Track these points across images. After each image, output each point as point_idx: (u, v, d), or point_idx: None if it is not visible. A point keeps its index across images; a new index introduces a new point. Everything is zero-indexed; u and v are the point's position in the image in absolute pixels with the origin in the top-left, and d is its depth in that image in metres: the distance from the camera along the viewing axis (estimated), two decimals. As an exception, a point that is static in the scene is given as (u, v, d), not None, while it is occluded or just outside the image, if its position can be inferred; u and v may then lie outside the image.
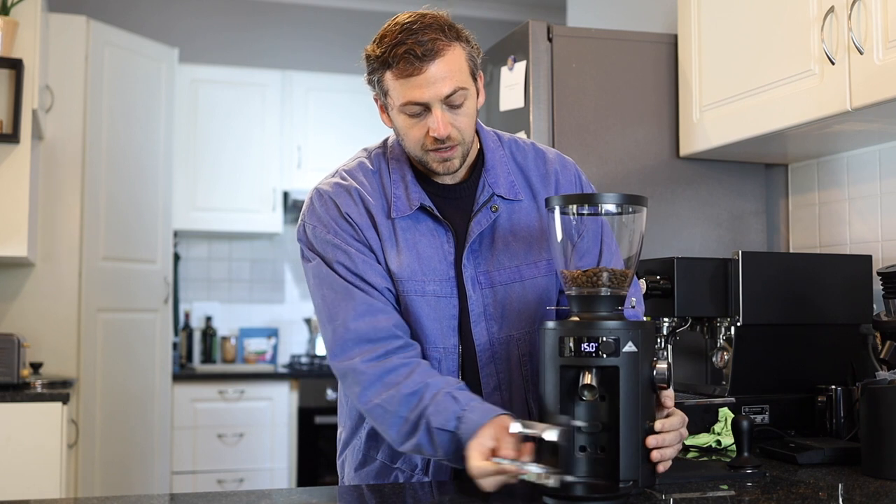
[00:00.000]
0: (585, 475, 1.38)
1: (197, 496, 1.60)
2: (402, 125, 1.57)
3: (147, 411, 4.36)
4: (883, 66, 1.81)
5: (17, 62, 3.32)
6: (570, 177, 1.71)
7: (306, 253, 1.65)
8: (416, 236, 1.61)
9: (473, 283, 1.60)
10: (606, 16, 3.48)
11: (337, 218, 1.61)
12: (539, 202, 1.66)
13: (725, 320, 2.05)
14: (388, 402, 1.50)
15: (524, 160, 1.70)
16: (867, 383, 1.63)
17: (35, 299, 3.88)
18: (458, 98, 1.52)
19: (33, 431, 3.14)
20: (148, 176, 4.40)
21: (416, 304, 1.59)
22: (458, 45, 1.54)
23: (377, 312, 1.56)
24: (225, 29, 5.32)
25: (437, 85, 1.50)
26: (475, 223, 1.61)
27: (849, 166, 2.37)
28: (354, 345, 1.54)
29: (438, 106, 1.52)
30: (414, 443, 1.49)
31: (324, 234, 1.61)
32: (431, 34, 1.50)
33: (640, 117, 2.55)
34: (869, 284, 2.11)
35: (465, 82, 1.54)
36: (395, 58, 1.50)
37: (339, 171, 1.69)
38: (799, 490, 1.50)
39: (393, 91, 1.53)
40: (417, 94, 1.51)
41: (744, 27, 2.25)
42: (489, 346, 1.60)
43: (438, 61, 1.50)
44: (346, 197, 1.62)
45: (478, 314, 1.60)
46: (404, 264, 1.59)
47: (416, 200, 1.60)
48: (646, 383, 1.38)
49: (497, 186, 1.64)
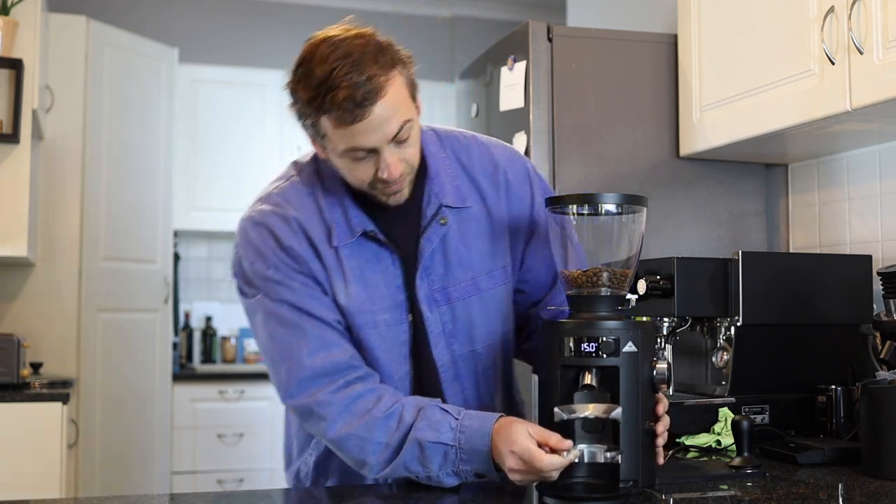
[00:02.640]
0: (585, 475, 1.39)
1: (197, 496, 1.61)
2: (345, 167, 1.45)
3: (147, 411, 4.36)
4: (883, 66, 1.81)
5: (17, 62, 3.31)
6: (520, 173, 1.62)
7: (245, 289, 1.53)
8: (361, 263, 1.50)
9: (429, 303, 1.53)
10: (606, 16, 3.48)
11: (277, 250, 1.48)
12: (489, 205, 1.57)
13: (725, 320, 2.05)
14: (362, 430, 1.43)
15: (469, 160, 1.59)
16: (867, 383, 1.63)
17: (35, 299, 3.88)
18: (405, 133, 1.41)
19: (33, 431, 3.14)
20: (148, 176, 4.40)
21: (368, 337, 1.50)
22: (395, 73, 1.39)
23: (332, 346, 1.47)
24: (225, 29, 5.32)
25: (383, 127, 1.38)
26: (425, 241, 1.52)
27: (849, 166, 2.37)
28: (312, 381, 1.46)
29: (387, 148, 1.40)
30: (396, 465, 1.43)
31: (264, 270, 1.48)
32: (368, 69, 1.35)
33: (640, 117, 2.55)
34: (869, 284, 2.11)
35: (409, 112, 1.42)
36: (333, 106, 1.35)
37: (270, 194, 1.54)
38: (799, 490, 1.50)
39: (332, 137, 1.40)
40: (362, 141, 1.38)
41: (744, 27, 2.25)
42: (452, 364, 1.55)
43: (381, 102, 1.36)
44: (284, 227, 1.49)
45: (437, 334, 1.53)
46: (353, 296, 1.49)
47: (357, 226, 1.49)
48: (646, 383, 1.38)
49: (443, 195, 1.53)
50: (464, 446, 1.40)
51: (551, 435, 1.36)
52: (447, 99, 5.09)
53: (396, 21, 5.53)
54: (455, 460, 1.40)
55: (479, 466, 1.40)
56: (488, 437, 1.39)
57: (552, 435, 1.36)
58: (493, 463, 1.39)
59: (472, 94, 2.89)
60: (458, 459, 1.40)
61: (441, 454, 1.41)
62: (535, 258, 1.62)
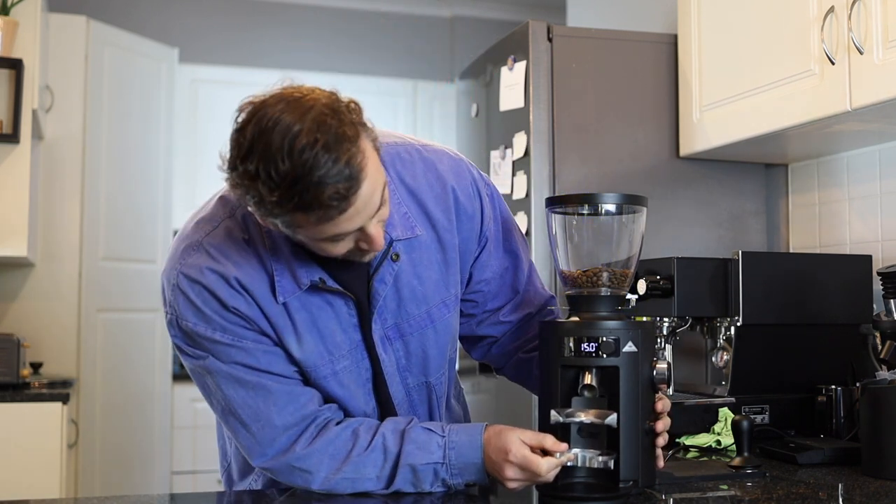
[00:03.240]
0: (585, 476, 1.39)
1: (197, 496, 1.61)
2: (319, 247, 1.29)
3: (147, 411, 4.36)
4: (883, 65, 1.81)
5: (17, 62, 3.31)
6: (467, 188, 1.49)
7: (188, 351, 1.38)
8: (312, 313, 1.38)
9: (383, 343, 1.45)
10: (606, 16, 3.48)
11: (222, 311, 1.34)
12: (439, 231, 1.46)
13: (725, 320, 2.05)
14: (350, 472, 1.38)
15: (414, 180, 1.45)
16: (867, 383, 1.63)
17: (35, 299, 3.88)
18: (384, 199, 1.27)
19: (33, 431, 3.14)
20: (148, 176, 4.40)
21: (329, 387, 1.42)
22: (363, 137, 1.22)
23: (299, 397, 1.39)
24: (225, 29, 5.32)
25: (368, 206, 1.22)
26: (378, 282, 1.40)
27: (849, 166, 2.37)
28: (285, 437, 1.38)
29: (372, 225, 1.26)
30: (392, 489, 1.40)
31: (210, 334, 1.35)
32: (341, 149, 1.16)
33: (640, 117, 2.55)
34: (869, 284, 2.11)
35: (382, 174, 1.25)
36: (317, 205, 1.17)
37: (202, 242, 1.36)
38: (799, 490, 1.50)
39: (310, 228, 1.23)
40: (347, 227, 1.23)
41: (744, 27, 2.25)
42: (406, 397, 1.51)
43: (364, 184, 1.19)
44: (225, 288, 1.33)
45: (392, 372, 1.47)
46: (308, 350, 1.39)
47: (304, 278, 1.35)
48: (646, 383, 1.38)
49: (392, 228, 1.39)
50: (454, 462, 1.39)
51: (545, 437, 1.35)
52: (447, 99, 5.10)
53: (396, 21, 5.53)
54: (446, 476, 1.40)
55: (471, 478, 1.40)
56: (480, 449, 1.38)
57: (546, 437, 1.35)
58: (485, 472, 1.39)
59: (472, 94, 2.89)
60: (450, 475, 1.39)
61: (432, 473, 1.40)
62: (486, 270, 1.56)
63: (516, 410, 2.45)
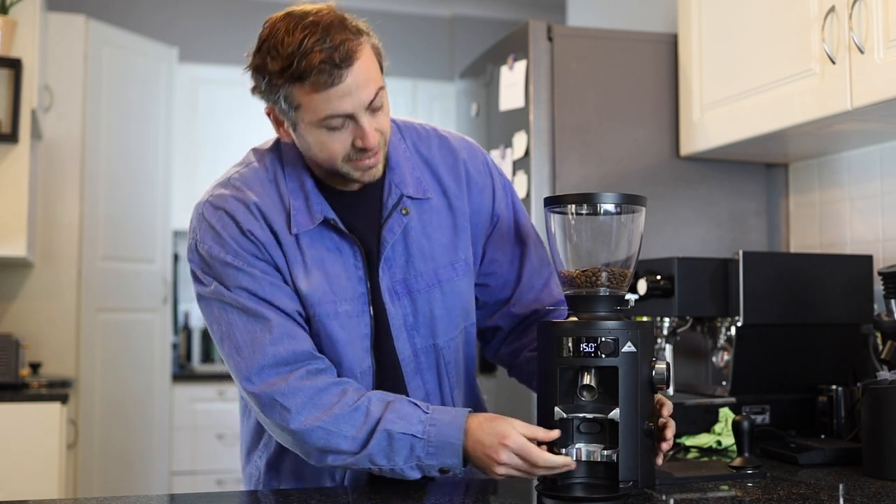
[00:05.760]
0: (584, 476, 1.38)
1: (196, 496, 1.60)
2: (319, 140, 1.41)
3: (146, 411, 4.36)
4: (883, 65, 1.80)
5: (17, 62, 3.31)
6: (479, 165, 1.60)
7: (201, 276, 1.47)
8: (321, 252, 1.47)
9: (391, 296, 1.50)
10: (606, 15, 3.48)
11: (237, 236, 1.44)
12: (450, 198, 1.56)
13: (726, 320, 2.05)
14: (328, 423, 1.39)
15: (429, 152, 1.57)
16: (868, 383, 1.62)
17: (34, 299, 3.88)
18: (379, 100, 1.40)
19: (32, 431, 3.14)
20: (147, 175, 4.40)
21: (330, 327, 1.47)
22: (364, 40, 1.39)
23: (295, 335, 1.43)
24: (225, 29, 5.32)
25: (360, 92, 1.36)
26: (387, 231, 1.49)
27: (849, 166, 2.36)
28: (273, 369, 1.41)
29: (364, 114, 1.38)
30: (360, 457, 1.40)
31: (222, 256, 1.44)
32: (339, 35, 1.35)
33: (640, 117, 2.55)
34: (870, 284, 2.10)
35: (381, 80, 1.41)
36: (309, 70, 1.33)
37: (230, 178, 1.50)
38: (799, 491, 1.49)
39: (307, 106, 1.37)
40: (340, 106, 1.36)
41: (744, 27, 2.24)
42: (413, 357, 1.53)
43: (356, 65, 1.35)
44: (244, 212, 1.45)
45: (398, 326, 1.51)
46: (314, 285, 1.45)
47: (318, 213, 1.46)
48: (645, 383, 1.38)
49: (404, 186, 1.51)
50: (433, 439, 1.39)
51: (536, 429, 1.36)
52: (447, 98, 5.09)
53: (396, 21, 5.53)
54: (422, 454, 1.39)
55: (447, 461, 1.39)
56: (461, 430, 1.38)
57: (537, 429, 1.36)
58: (462, 458, 1.39)
59: (472, 94, 2.89)
60: (426, 453, 1.39)
61: (408, 446, 1.39)
62: (498, 251, 1.61)
63: (516, 410, 2.44)
